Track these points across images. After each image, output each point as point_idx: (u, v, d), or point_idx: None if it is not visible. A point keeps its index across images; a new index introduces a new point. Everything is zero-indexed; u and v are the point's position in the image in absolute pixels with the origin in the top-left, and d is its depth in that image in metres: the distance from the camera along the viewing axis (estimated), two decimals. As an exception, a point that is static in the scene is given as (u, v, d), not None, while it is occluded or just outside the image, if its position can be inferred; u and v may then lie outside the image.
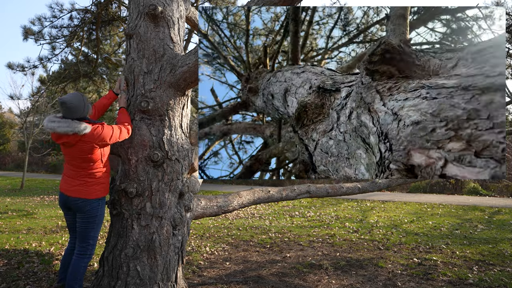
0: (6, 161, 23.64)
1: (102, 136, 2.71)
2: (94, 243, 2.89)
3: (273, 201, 4.36)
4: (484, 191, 12.69)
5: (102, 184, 2.87)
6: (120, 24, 8.14)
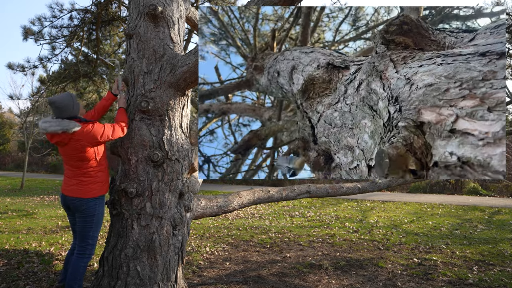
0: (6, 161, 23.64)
1: (92, 134, 2.74)
2: (93, 243, 2.89)
3: (273, 201, 4.36)
4: (484, 191, 12.69)
5: (99, 183, 2.86)
6: (120, 24, 8.14)
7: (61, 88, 8.85)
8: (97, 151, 2.84)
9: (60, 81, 8.53)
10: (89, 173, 2.83)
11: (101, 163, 2.90)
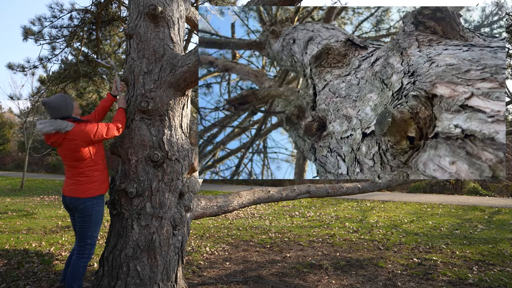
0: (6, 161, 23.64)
1: (85, 133, 2.76)
2: (92, 243, 2.89)
3: (273, 201, 4.36)
4: (484, 191, 12.69)
5: (95, 182, 2.87)
6: (120, 24, 8.14)
7: (61, 88, 8.85)
8: (92, 150, 2.85)
9: (60, 81, 8.53)
10: (85, 173, 2.84)
11: (97, 162, 2.90)
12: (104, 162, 2.99)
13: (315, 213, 8.57)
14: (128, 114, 3.11)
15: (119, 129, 2.94)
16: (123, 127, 2.99)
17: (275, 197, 4.24)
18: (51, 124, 2.71)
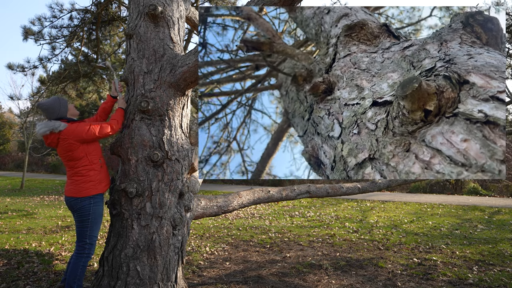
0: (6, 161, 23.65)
1: (77, 131, 2.81)
2: (91, 242, 2.89)
3: (273, 201, 4.36)
4: (484, 191, 12.69)
5: (91, 182, 2.88)
6: (120, 24, 8.14)
7: (61, 88, 8.85)
8: (87, 150, 2.88)
9: (60, 81, 8.54)
10: (81, 172, 2.86)
11: (93, 161, 2.91)
12: (101, 162, 2.99)
13: (315, 213, 8.57)
14: (128, 114, 3.11)
15: (113, 127, 2.95)
16: (117, 126, 3.00)
17: (275, 197, 4.24)
18: (46, 125, 2.80)
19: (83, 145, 2.86)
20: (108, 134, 2.92)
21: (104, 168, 3.01)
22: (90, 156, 2.88)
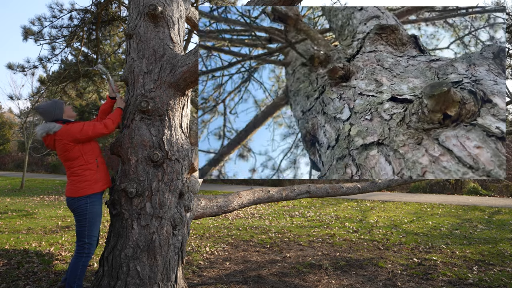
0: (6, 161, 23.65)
1: (71, 132, 2.86)
2: (90, 242, 2.89)
3: (273, 201, 4.36)
4: (484, 191, 12.69)
5: (87, 181, 2.89)
6: (120, 24, 8.14)
7: (61, 88, 8.85)
8: (83, 150, 2.90)
9: (60, 81, 8.53)
10: (77, 172, 2.90)
11: (89, 161, 2.92)
12: (99, 161, 2.99)
13: (315, 213, 8.57)
14: (128, 114, 3.11)
15: (107, 126, 2.96)
16: (112, 125, 3.00)
17: (275, 197, 4.24)
18: (42, 127, 2.89)
19: (78, 145, 2.89)
20: (102, 134, 2.94)
21: (101, 168, 3.00)
22: (86, 156, 2.91)
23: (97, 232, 2.96)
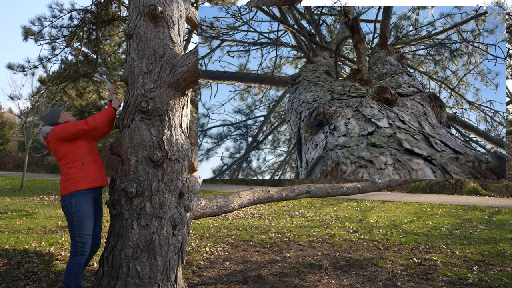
0: (6, 161, 23.65)
1: (56, 131, 2.99)
2: (83, 240, 2.88)
3: (273, 201, 4.36)
4: (484, 191, 12.69)
5: (72, 179, 2.93)
6: (120, 24, 8.14)
7: (61, 88, 8.85)
8: (69, 149, 2.98)
9: (60, 81, 8.54)
10: (63, 171, 3.00)
11: (74, 160, 2.97)
12: (85, 160, 2.99)
13: (315, 213, 8.57)
14: (128, 114, 3.11)
15: (88, 123, 3.01)
16: (94, 122, 3.03)
17: (275, 197, 4.24)
18: (40, 132, 3.10)
19: (65, 144, 2.98)
20: (83, 129, 2.99)
21: (89, 166, 2.99)
22: (71, 154, 2.98)
23: (90, 230, 2.93)
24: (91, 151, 3.09)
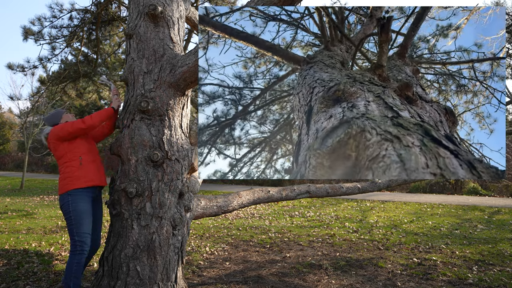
0: (6, 161, 23.65)
1: (55, 131, 3.01)
2: (81, 239, 2.87)
3: (273, 201, 4.36)
4: (484, 191, 12.69)
5: (69, 178, 2.94)
6: (120, 24, 8.14)
7: (61, 88, 8.85)
8: (68, 148, 2.99)
9: (60, 81, 8.53)
10: (61, 170, 3.01)
11: (72, 159, 2.98)
12: (83, 159, 2.99)
13: (315, 213, 8.57)
14: (128, 114, 3.11)
15: (85, 121, 3.01)
16: (91, 121, 3.03)
17: (275, 197, 4.24)
18: (41, 133, 3.24)
19: (64, 143, 2.99)
20: (80, 128, 2.99)
21: (87, 165, 2.99)
22: (69, 153, 2.98)
23: (89, 229, 2.92)
24: (90, 151, 3.09)
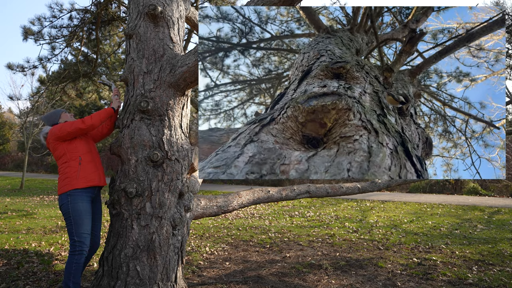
0: (6, 161, 23.65)
1: (53, 131, 3.01)
2: (80, 240, 2.87)
3: (273, 201, 4.36)
4: (484, 191, 12.69)
5: (68, 178, 2.93)
6: (120, 24, 8.14)
7: (60, 88, 8.84)
8: (67, 148, 2.99)
9: (60, 81, 8.53)
10: (61, 170, 3.00)
11: (71, 159, 2.97)
12: (83, 159, 2.99)
13: (314, 213, 8.57)
14: (128, 114, 3.11)
15: (84, 121, 3.01)
16: (90, 121, 3.02)
17: (275, 197, 4.24)
18: (40, 133, 3.19)
19: (63, 143, 2.99)
20: (80, 128, 2.98)
21: (86, 166, 2.99)
22: (69, 153, 2.98)
23: (88, 229, 2.92)
24: (90, 151, 3.09)
